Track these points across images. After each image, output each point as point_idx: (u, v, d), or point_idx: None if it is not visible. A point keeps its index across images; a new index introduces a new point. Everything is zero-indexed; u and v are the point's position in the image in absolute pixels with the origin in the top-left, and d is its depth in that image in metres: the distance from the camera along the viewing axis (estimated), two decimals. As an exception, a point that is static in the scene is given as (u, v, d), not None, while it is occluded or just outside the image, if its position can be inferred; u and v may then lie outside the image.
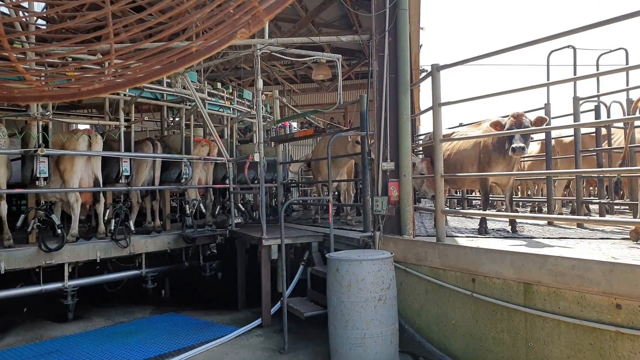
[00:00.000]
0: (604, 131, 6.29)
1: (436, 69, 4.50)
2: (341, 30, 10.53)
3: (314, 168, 8.01)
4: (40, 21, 9.33)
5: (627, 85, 5.72)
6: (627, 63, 5.73)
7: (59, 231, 5.68)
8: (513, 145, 4.47)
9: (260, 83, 5.94)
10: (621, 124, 6.20)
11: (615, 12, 3.42)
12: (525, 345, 3.59)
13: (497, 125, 4.80)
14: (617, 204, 6.78)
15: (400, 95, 5.00)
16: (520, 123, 4.60)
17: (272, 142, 8.03)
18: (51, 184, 5.86)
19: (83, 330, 5.78)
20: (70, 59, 5.44)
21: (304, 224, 7.20)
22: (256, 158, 5.82)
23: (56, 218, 5.81)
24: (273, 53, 6.31)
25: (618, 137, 6.54)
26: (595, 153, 6.10)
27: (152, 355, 4.82)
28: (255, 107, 6.29)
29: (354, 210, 8.18)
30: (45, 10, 6.97)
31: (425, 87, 10.48)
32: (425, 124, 13.20)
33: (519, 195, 9.91)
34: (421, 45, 10.01)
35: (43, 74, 3.09)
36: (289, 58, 6.49)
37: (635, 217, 5.42)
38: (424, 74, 6.83)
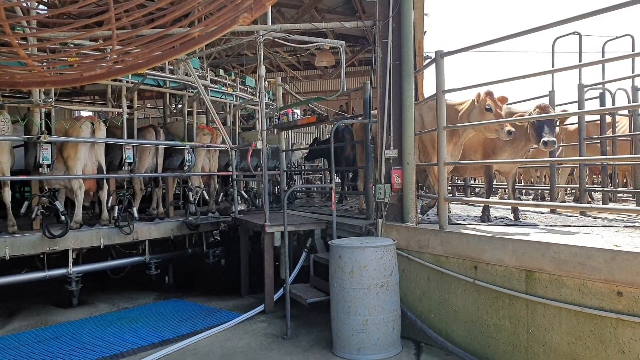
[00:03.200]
0: (608, 119, 6.25)
1: (440, 55, 4.45)
2: (344, 16, 10.40)
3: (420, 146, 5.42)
4: (41, 6, 9.26)
5: (633, 72, 5.67)
6: (633, 50, 5.66)
7: (63, 218, 5.71)
8: (544, 139, 4.54)
9: (263, 70, 5.90)
10: (626, 112, 6.15)
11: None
12: (526, 332, 3.62)
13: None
14: (620, 192, 6.77)
15: (404, 82, 4.96)
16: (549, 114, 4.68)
17: (275, 130, 8.01)
18: (55, 171, 5.88)
19: (88, 316, 5.85)
20: (72, 45, 5.41)
21: (307, 212, 7.22)
22: (259, 145, 5.82)
23: (60, 205, 5.84)
24: (276, 39, 6.24)
25: (623, 125, 6.50)
26: (599, 141, 6.07)
27: (156, 340, 4.88)
28: (258, 94, 6.25)
29: (356, 198, 8.19)
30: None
31: (429, 74, 10.40)
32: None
33: (522, 183, 9.88)
34: (425, 31, 9.91)
35: (45, 59, 3.08)
36: (292, 44, 6.42)
37: None
38: (428, 61, 6.78)
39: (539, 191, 8.32)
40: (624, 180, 8.76)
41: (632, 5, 3.30)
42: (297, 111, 7.63)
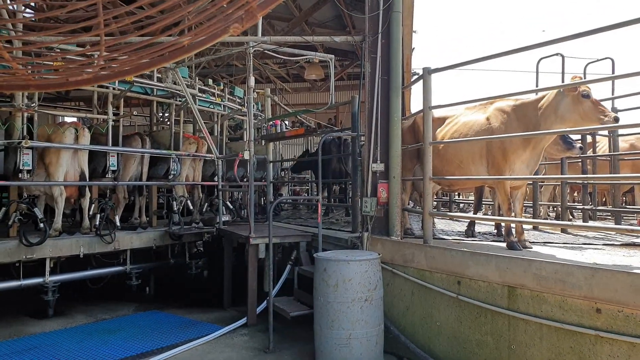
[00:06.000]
0: (589, 139, 6.40)
1: (428, 72, 4.52)
2: (334, 30, 10.54)
3: (445, 156, 4.84)
4: (28, 9, 9.16)
5: (613, 94, 5.82)
6: (613, 72, 5.82)
7: (42, 225, 5.58)
8: (580, 145, 5.07)
9: (252, 80, 5.91)
10: (606, 132, 6.31)
11: (602, 23, 3.47)
12: (507, 348, 3.62)
13: None
14: (599, 210, 6.90)
15: (391, 97, 5.01)
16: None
17: (263, 141, 8.00)
18: (35, 177, 5.75)
19: (63, 327, 5.68)
20: (58, 49, 5.35)
21: (292, 224, 7.18)
22: (246, 156, 5.79)
23: (39, 212, 5.71)
24: (266, 51, 6.28)
25: (603, 145, 6.66)
26: (580, 160, 6.20)
27: (134, 353, 4.76)
28: (246, 104, 6.25)
29: (342, 210, 8.19)
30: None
31: (417, 89, 10.54)
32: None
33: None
34: (413, 48, 10.05)
35: (29, 62, 3.03)
36: (282, 57, 6.48)
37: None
38: (415, 77, 6.87)
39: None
40: (603, 200, 8.94)
41: (610, 30, 3.40)
42: (286, 122, 7.65)
